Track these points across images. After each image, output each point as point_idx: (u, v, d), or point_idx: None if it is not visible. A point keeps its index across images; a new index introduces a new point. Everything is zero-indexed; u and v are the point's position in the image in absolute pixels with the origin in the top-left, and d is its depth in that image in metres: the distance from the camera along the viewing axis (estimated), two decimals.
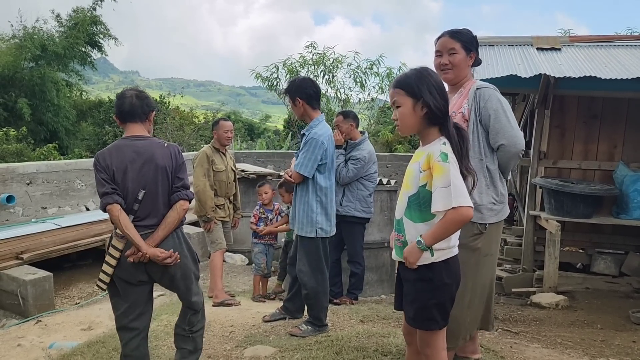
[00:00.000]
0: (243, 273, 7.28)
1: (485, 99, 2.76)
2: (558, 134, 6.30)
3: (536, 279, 5.88)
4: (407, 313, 2.27)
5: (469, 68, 2.91)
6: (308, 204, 3.79)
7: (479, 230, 2.75)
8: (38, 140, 18.14)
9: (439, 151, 2.10)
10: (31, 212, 7.25)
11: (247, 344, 3.69)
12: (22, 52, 18.34)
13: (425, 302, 2.16)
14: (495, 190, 2.81)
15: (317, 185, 3.78)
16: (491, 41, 6.55)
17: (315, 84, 3.94)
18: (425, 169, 2.12)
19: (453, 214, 2.02)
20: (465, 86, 2.89)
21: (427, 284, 2.15)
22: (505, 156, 2.80)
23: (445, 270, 2.16)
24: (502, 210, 2.85)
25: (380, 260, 5.72)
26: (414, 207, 2.18)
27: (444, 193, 2.03)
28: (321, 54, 16.43)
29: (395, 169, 12.47)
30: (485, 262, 2.82)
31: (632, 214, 5.65)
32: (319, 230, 3.78)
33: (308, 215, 3.79)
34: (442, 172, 2.05)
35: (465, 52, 2.87)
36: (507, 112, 2.76)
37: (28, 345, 4.31)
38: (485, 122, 2.77)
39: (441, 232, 2.08)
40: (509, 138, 2.72)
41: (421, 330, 2.24)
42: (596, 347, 4.08)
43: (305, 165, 3.72)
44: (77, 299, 6.15)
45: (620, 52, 5.99)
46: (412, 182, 2.19)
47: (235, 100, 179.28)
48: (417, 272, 2.16)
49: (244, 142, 24.19)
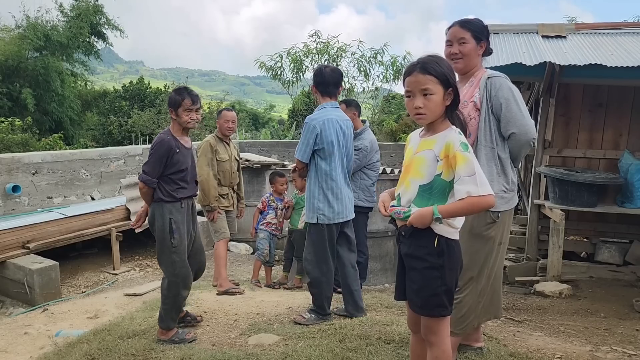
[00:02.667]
0: (247, 262, 7.32)
1: (497, 88, 2.77)
2: (563, 122, 6.27)
3: (540, 268, 5.88)
4: (413, 302, 2.25)
5: (479, 57, 2.91)
6: (310, 190, 3.82)
7: (492, 219, 2.77)
8: (43, 130, 18.20)
9: (458, 141, 2.09)
10: (37, 201, 7.29)
11: (251, 332, 3.72)
12: (26, 42, 18.34)
13: (436, 289, 2.16)
14: (506, 178, 2.83)
15: (319, 171, 3.78)
16: (496, 29, 6.50)
17: (323, 72, 3.90)
18: (442, 158, 2.11)
19: (477, 198, 2.04)
20: (477, 75, 2.89)
21: (437, 271, 2.15)
22: (516, 145, 2.81)
23: (452, 256, 2.17)
24: (513, 198, 2.88)
25: (383, 249, 5.74)
26: (424, 196, 2.16)
27: (469, 182, 2.04)
28: (325, 43, 16.34)
29: (399, 158, 12.44)
30: (498, 251, 2.86)
31: (636, 202, 5.63)
32: (321, 216, 3.78)
33: (310, 201, 3.82)
34: (465, 162, 2.05)
35: (475, 42, 2.87)
36: (518, 100, 2.77)
37: (35, 333, 4.36)
38: (496, 111, 2.78)
39: (459, 210, 2.09)
40: (520, 127, 2.74)
41: (430, 317, 2.23)
42: (599, 335, 4.08)
43: (299, 149, 3.80)
44: (83, 287, 6.20)
45: (627, 40, 5.93)
46: (425, 170, 2.15)
47: (240, 90, 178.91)
48: (427, 260, 2.16)
49: (248, 132, 24.20)
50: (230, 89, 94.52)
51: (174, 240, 3.54)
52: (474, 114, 2.80)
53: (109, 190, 8.45)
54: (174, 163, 3.56)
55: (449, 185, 2.12)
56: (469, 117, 2.76)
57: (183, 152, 3.63)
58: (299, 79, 16.66)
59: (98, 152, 8.62)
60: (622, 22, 7.05)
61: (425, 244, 2.17)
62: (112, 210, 7.07)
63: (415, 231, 2.18)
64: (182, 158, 3.60)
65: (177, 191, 3.59)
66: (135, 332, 3.78)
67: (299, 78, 16.62)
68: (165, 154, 3.53)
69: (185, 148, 3.67)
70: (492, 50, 2.99)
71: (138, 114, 21.59)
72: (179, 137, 3.66)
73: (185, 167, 3.62)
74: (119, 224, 7.00)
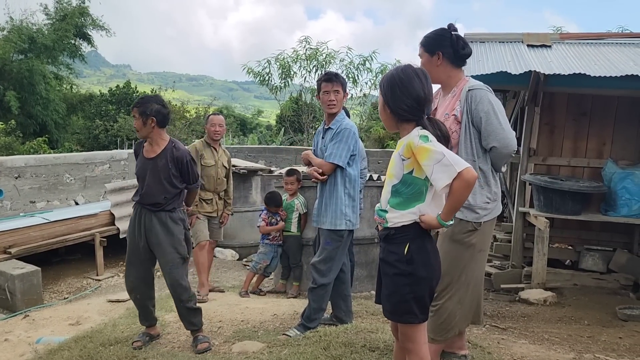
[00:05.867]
0: (233, 268, 7.27)
1: (477, 102, 2.77)
2: (548, 131, 6.32)
3: (525, 275, 5.91)
4: (385, 307, 2.30)
5: (444, 67, 2.87)
6: (337, 196, 3.75)
7: (473, 227, 2.78)
8: (27, 134, 18.01)
9: (417, 136, 2.14)
10: (19, 206, 7.20)
11: (235, 340, 3.69)
12: (9, 45, 18.17)
13: (405, 296, 2.17)
14: (489, 189, 2.84)
15: (347, 177, 3.77)
16: (482, 37, 6.56)
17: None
18: (408, 156, 2.16)
19: (458, 182, 2.05)
20: (458, 86, 2.88)
21: (406, 278, 2.17)
22: (497, 157, 2.83)
23: (424, 264, 2.17)
24: (496, 207, 2.88)
25: (370, 256, 5.72)
26: (397, 196, 2.21)
27: (441, 167, 2.06)
28: (314, 49, 16.39)
29: (386, 165, 12.43)
30: (479, 258, 2.86)
31: (619, 211, 5.69)
32: (348, 222, 3.76)
33: (337, 207, 3.74)
34: (428, 152, 2.08)
35: (428, 55, 2.88)
36: (498, 114, 2.76)
37: (15, 340, 4.28)
38: (477, 124, 2.78)
39: (455, 204, 2.12)
40: (501, 140, 2.74)
41: (400, 324, 2.25)
42: (583, 343, 4.11)
43: (339, 155, 3.70)
44: (66, 293, 6.12)
45: (610, 50, 6.02)
46: (394, 171, 2.23)
47: (228, 95, 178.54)
48: (396, 266, 2.18)
49: (235, 137, 24.14)
50: (218, 93, 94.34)
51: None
52: (455, 127, 2.81)
53: (94, 195, 8.37)
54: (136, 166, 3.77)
55: (424, 183, 2.16)
56: (451, 130, 2.75)
57: (140, 159, 3.71)
58: (287, 84, 16.67)
59: (83, 157, 8.54)
60: (605, 33, 7.15)
61: (395, 250, 2.21)
62: (96, 215, 7.00)
63: (387, 236, 2.23)
64: (138, 164, 3.71)
65: (136, 194, 3.72)
66: (118, 339, 3.73)
67: (287, 84, 16.63)
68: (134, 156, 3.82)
69: (144, 157, 3.67)
70: (465, 53, 2.88)
71: (124, 119, 21.44)
72: (147, 145, 3.68)
73: (136, 173, 3.72)
74: (103, 229, 6.93)
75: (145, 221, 3.60)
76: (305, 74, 16.59)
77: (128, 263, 3.69)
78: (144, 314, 3.75)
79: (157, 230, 3.56)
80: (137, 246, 3.63)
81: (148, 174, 3.60)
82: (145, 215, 3.60)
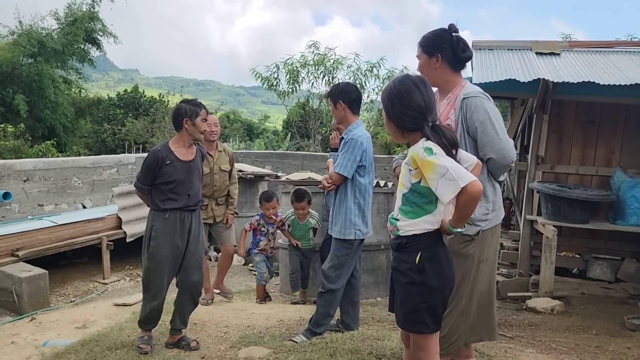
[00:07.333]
0: (239, 274, 7.28)
1: (472, 110, 2.65)
2: (556, 138, 6.30)
3: (532, 284, 5.87)
4: (397, 316, 2.28)
5: (442, 70, 2.77)
6: (346, 206, 3.78)
7: (471, 237, 2.66)
8: (36, 137, 18.13)
9: (422, 149, 2.13)
10: (27, 209, 7.24)
11: (241, 345, 3.69)
12: (19, 49, 18.31)
13: (416, 305, 2.16)
14: (486, 200, 2.70)
15: (356, 187, 3.78)
16: (490, 45, 6.55)
17: (358, 89, 3.99)
18: (414, 167, 2.16)
19: (463, 195, 2.04)
20: (454, 92, 2.77)
21: (418, 287, 2.15)
22: (495, 168, 2.71)
23: (436, 273, 2.16)
24: (496, 216, 2.76)
25: (376, 263, 5.71)
26: (408, 204, 2.21)
27: (445, 181, 2.05)
28: (322, 55, 16.42)
29: (392, 171, 12.42)
30: (480, 269, 2.72)
31: (628, 220, 5.65)
32: (357, 231, 3.77)
33: (346, 217, 3.76)
34: (432, 165, 2.07)
35: (426, 56, 2.77)
36: (495, 123, 2.64)
37: (22, 342, 4.30)
38: (472, 133, 2.67)
39: (461, 216, 2.14)
40: (498, 151, 2.62)
41: (412, 333, 2.24)
42: (591, 352, 4.08)
43: (345, 165, 3.73)
44: (72, 296, 6.14)
45: (619, 58, 6.00)
46: (403, 180, 2.24)
47: (235, 100, 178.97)
48: (408, 275, 2.17)
49: (242, 142, 24.20)
50: (225, 98, 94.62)
51: (150, 247, 3.59)
52: None
53: (101, 198, 8.41)
54: (163, 174, 3.59)
55: (434, 193, 2.14)
56: None
57: (175, 164, 3.61)
58: (295, 90, 16.71)
59: (91, 160, 8.59)
60: (614, 41, 7.13)
61: (407, 258, 2.19)
62: (104, 219, 7.03)
63: (399, 245, 2.22)
64: (171, 170, 3.60)
65: (165, 202, 3.60)
66: (124, 343, 3.73)
67: (294, 89, 16.67)
68: (152, 164, 3.59)
69: (181, 160, 3.64)
70: (465, 56, 2.78)
71: (132, 123, 21.56)
72: (178, 148, 3.66)
73: (174, 179, 3.60)
74: (110, 232, 6.95)
75: (188, 224, 3.70)
76: (313, 79, 16.64)
77: (161, 275, 3.62)
78: (156, 319, 3.77)
79: (195, 227, 3.75)
80: (178, 254, 3.67)
81: (193, 176, 3.72)
82: (186, 217, 3.68)
